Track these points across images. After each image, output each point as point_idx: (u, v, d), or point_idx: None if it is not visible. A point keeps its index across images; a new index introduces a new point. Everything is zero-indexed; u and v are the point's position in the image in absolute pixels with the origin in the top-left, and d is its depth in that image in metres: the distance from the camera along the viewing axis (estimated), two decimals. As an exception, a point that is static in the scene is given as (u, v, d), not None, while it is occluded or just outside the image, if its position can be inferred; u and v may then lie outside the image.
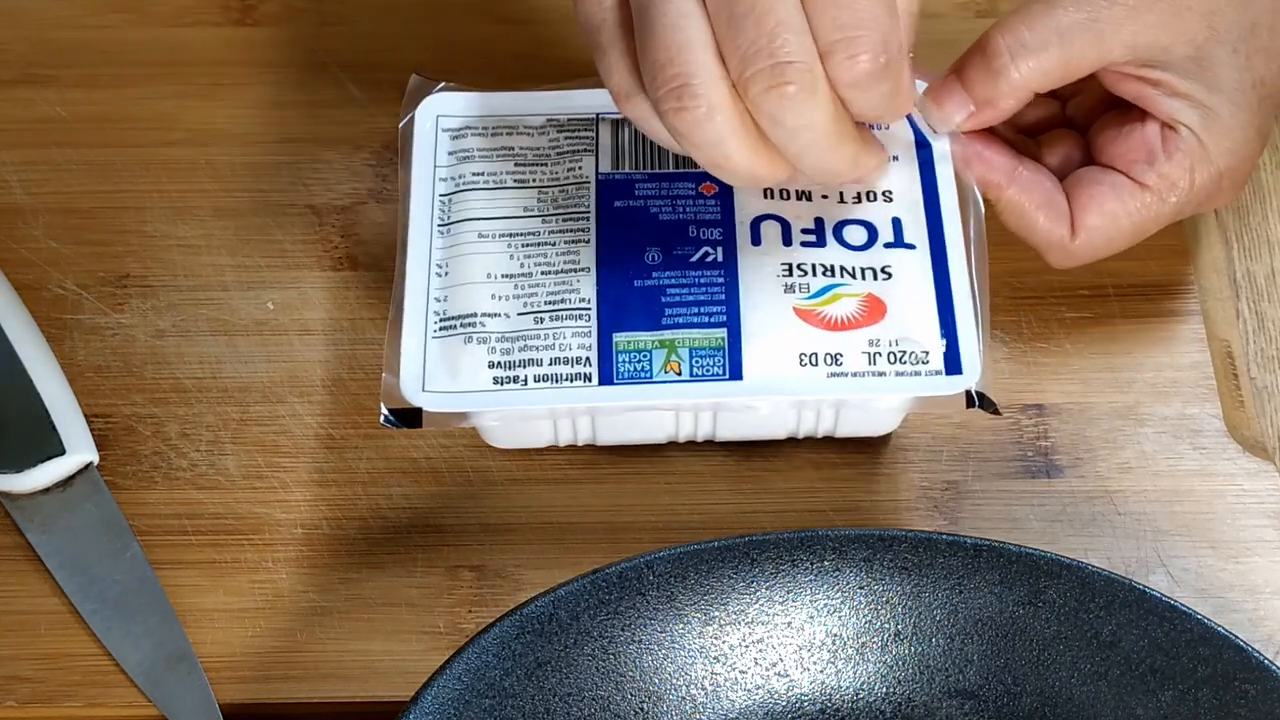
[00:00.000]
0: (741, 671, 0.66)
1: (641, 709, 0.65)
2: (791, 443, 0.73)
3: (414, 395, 0.67)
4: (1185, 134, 0.68)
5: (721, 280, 0.69)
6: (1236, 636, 0.64)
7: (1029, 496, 0.72)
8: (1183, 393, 0.74)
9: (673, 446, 0.73)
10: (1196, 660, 0.64)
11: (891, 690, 0.66)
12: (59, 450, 0.72)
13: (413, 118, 0.73)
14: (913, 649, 0.66)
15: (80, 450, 0.72)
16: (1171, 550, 0.71)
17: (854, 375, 0.67)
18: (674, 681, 0.66)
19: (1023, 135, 0.72)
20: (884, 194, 0.71)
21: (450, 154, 0.73)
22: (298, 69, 0.82)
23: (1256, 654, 0.64)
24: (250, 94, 0.81)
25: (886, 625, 0.66)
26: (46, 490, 0.72)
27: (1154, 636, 0.64)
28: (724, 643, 0.66)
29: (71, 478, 0.72)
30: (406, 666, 0.68)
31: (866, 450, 0.73)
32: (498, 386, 0.67)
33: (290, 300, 0.76)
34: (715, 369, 0.67)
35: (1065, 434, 0.73)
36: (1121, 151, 0.69)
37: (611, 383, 0.67)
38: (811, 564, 0.66)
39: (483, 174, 0.72)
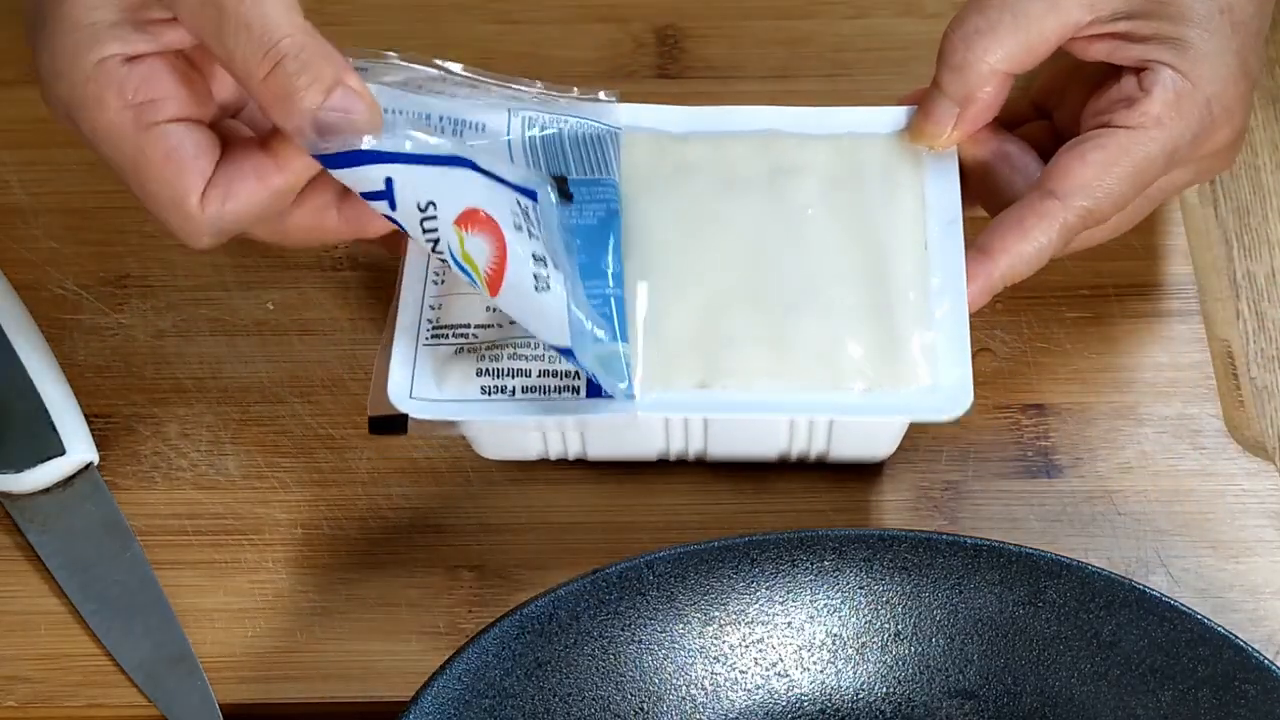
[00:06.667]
0: (741, 671, 0.66)
1: (641, 709, 0.65)
2: (791, 443, 0.73)
3: (401, 401, 0.67)
4: (1162, 70, 0.67)
5: None
6: (1236, 636, 0.64)
7: (1029, 496, 0.72)
8: (1183, 393, 0.74)
9: (673, 446, 0.73)
10: (1196, 660, 0.64)
11: (891, 690, 0.66)
12: (59, 450, 0.72)
13: None
14: (913, 649, 0.66)
15: (80, 450, 0.72)
16: (1171, 550, 0.71)
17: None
18: (674, 681, 0.66)
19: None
20: None
21: None
22: (298, 69, 0.82)
23: (1256, 654, 0.64)
24: (250, 94, 0.81)
25: (886, 625, 0.66)
26: (46, 490, 0.72)
27: (1154, 636, 0.64)
28: (724, 643, 0.66)
29: (71, 478, 0.72)
30: (406, 666, 0.68)
31: (866, 450, 0.73)
32: (485, 396, 0.67)
33: (290, 300, 0.76)
34: None
35: (1065, 434, 0.73)
36: (1102, 109, 0.69)
37: (599, 395, 0.67)
38: (811, 564, 0.66)
39: None
